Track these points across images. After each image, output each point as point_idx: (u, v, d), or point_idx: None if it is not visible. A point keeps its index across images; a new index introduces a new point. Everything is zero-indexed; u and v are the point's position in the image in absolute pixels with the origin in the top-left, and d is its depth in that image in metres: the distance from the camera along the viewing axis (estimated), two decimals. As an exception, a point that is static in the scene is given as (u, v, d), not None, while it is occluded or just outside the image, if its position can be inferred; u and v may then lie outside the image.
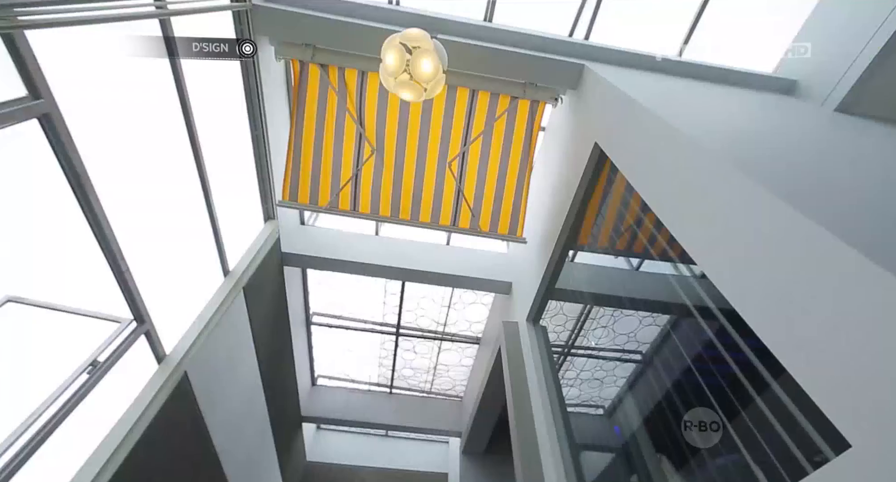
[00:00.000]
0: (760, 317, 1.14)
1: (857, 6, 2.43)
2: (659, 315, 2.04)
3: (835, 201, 1.16)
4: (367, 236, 4.40)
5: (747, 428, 1.31)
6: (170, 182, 2.31)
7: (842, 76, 2.36)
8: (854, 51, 2.33)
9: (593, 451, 2.43)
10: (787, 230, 1.08)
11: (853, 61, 2.34)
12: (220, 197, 2.66)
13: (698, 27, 2.99)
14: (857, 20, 2.37)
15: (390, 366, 5.96)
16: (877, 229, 1.04)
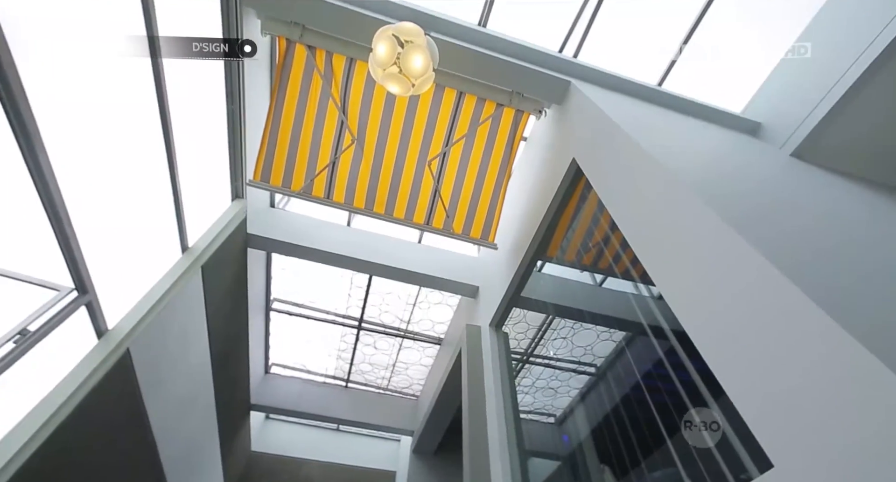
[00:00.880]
0: (707, 342, 1.21)
1: (820, 58, 2.61)
2: (616, 331, 2.12)
3: (786, 245, 1.24)
4: (338, 226, 4.32)
5: (685, 444, 1.38)
6: (132, 147, 2.18)
7: (800, 123, 2.53)
8: (815, 99, 2.50)
9: (541, 458, 2.50)
10: (742, 267, 1.15)
11: (811, 111, 2.51)
12: (186, 169, 2.54)
13: (680, 59, 3.13)
14: (819, 71, 2.54)
15: (349, 360, 5.88)
16: (817, 271, 1.12)
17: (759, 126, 2.87)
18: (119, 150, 2.08)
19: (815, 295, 0.95)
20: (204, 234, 3.11)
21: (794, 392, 0.94)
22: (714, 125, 2.82)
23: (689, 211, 1.37)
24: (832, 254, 1.29)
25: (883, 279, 1.25)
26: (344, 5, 2.54)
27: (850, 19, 2.53)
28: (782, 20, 3.01)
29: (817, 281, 1.03)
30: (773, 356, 1.01)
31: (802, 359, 0.94)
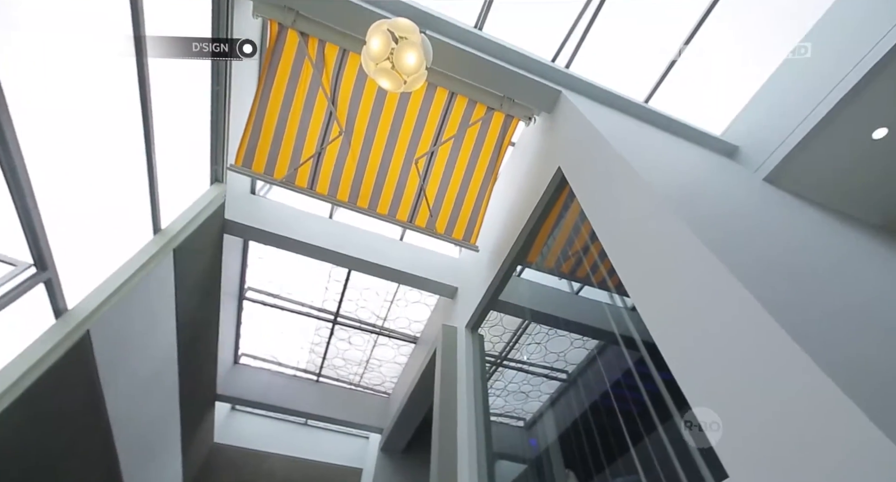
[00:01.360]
0: (675, 354, 1.24)
1: (798, 87, 2.72)
2: (589, 339, 2.16)
3: (756, 268, 1.29)
4: (319, 217, 4.25)
5: (647, 452, 1.42)
6: (107, 121, 2.09)
7: (774, 150, 2.65)
8: (789, 127, 2.61)
9: (509, 461, 2.52)
10: (714, 287, 1.18)
11: (785, 139, 2.63)
12: (164, 148, 2.45)
13: (667, 79, 3.22)
14: (795, 100, 2.66)
15: (321, 354, 5.80)
16: (785, 298, 1.17)
17: (737, 149, 2.98)
18: (92, 123, 1.99)
19: (781, 320, 0.99)
20: (179, 216, 3.01)
21: (751, 408, 0.97)
22: (694, 145, 2.91)
23: (667, 228, 1.41)
24: (798, 281, 1.34)
25: (841, 305, 1.31)
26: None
27: (829, 53, 2.64)
28: (772, 42, 3.12)
29: (783, 305, 1.07)
30: (736, 372, 1.04)
31: (762, 377, 0.98)
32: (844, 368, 0.89)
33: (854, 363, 0.94)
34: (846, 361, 0.93)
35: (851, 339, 1.08)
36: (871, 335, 1.18)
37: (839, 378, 0.84)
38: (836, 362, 0.90)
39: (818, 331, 1.03)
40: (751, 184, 2.44)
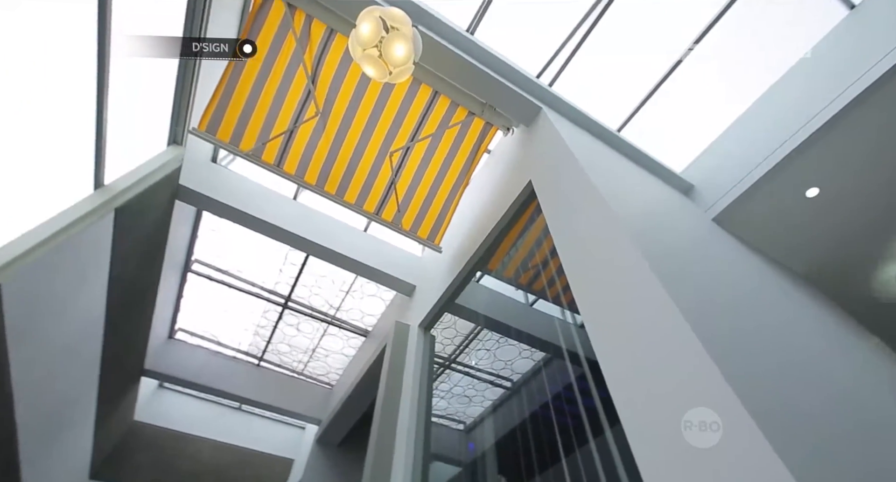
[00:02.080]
0: (615, 374, 1.31)
1: (752, 139, 2.97)
2: (537, 351, 2.23)
3: (696, 304, 1.38)
4: (283, 197, 4.09)
5: (577, 465, 1.49)
6: (57, 56, 1.88)
7: (724, 194, 2.89)
8: (739, 175, 2.85)
9: (445, 463, 2.55)
10: (658, 316, 1.25)
11: (734, 185, 2.88)
12: (120, 98, 2.24)
13: (642, 110, 3.39)
14: (748, 152, 2.90)
15: (266, 338, 5.58)
16: (718, 336, 1.26)
17: (692, 188, 3.20)
18: (39, 57, 1.79)
19: (714, 356, 1.07)
20: (126, 173, 2.77)
21: (676, 434, 1.04)
22: (656, 178, 3.08)
23: (624, 257, 1.48)
24: (731, 319, 1.45)
25: (764, 343, 1.43)
26: (335, -27, 2.41)
27: (780, 114, 2.91)
28: (745, 88, 3.39)
29: (716, 341, 1.16)
30: (665, 396, 1.11)
31: (686, 404, 1.05)
32: (763, 410, 0.97)
33: (769, 402, 1.04)
34: (764, 402, 1.02)
35: (771, 379, 1.19)
36: (787, 373, 1.30)
37: (760, 420, 0.92)
38: (759, 406, 0.98)
39: (744, 369, 1.12)
40: (701, 222, 2.62)
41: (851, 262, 3.72)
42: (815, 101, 2.66)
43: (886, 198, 3.22)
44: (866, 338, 2.99)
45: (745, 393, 0.97)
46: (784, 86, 3.05)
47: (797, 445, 0.94)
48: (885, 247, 3.65)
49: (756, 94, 3.29)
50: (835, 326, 2.60)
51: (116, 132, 2.37)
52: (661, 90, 3.35)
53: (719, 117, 3.44)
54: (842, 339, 2.36)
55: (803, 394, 1.26)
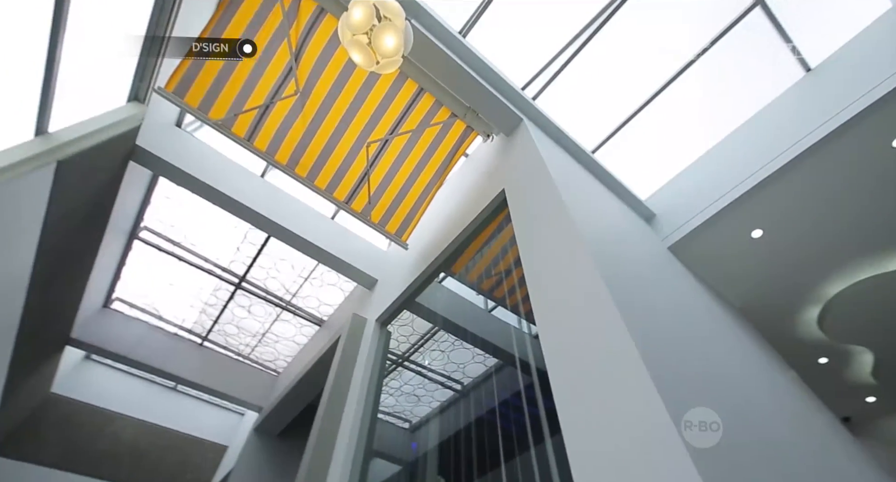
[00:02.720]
0: (562, 386, 1.36)
1: (710, 178, 3.19)
2: (490, 357, 2.27)
3: (645, 328, 1.45)
4: (250, 173, 3.92)
5: (515, 471, 1.53)
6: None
7: (680, 226, 3.10)
8: (696, 210, 3.05)
9: (386, 460, 2.54)
10: (609, 335, 1.31)
11: (690, 219, 3.09)
12: (79, 37, 2.04)
13: (617, 135, 3.54)
14: (705, 190, 3.11)
15: (214, 317, 5.33)
16: (662, 361, 1.34)
17: (654, 216, 3.40)
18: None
19: (654, 377, 1.13)
20: (75, 124, 2.55)
21: (613, 448, 1.10)
22: (622, 202, 3.23)
23: (584, 275, 1.54)
24: (675, 345, 1.54)
25: (703, 372, 1.54)
26: (334, -48, 2.34)
27: (737, 158, 3.16)
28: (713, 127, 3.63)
29: (658, 366, 1.22)
30: (607, 414, 1.17)
31: (626, 421, 1.11)
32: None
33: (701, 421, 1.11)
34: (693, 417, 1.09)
35: (704, 403, 1.27)
36: (717, 398, 1.40)
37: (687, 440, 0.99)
38: (688, 418, 1.05)
39: (680, 394, 1.19)
40: (658, 249, 2.78)
41: (781, 302, 4.10)
42: (767, 151, 2.94)
43: (819, 246, 3.57)
44: (785, 371, 3.28)
45: (677, 415, 1.04)
46: (741, 134, 3.31)
47: (717, 465, 1.02)
48: (811, 292, 4.05)
49: (719, 137, 3.55)
50: (760, 358, 2.83)
51: (70, 77, 2.17)
52: (637, 118, 3.51)
53: (686, 153, 3.68)
54: (764, 371, 2.57)
55: (727, 418, 1.36)
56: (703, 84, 3.36)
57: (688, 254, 3.22)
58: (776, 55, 3.21)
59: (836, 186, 3.07)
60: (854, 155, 2.90)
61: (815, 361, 4.92)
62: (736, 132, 3.41)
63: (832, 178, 3.01)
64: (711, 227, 3.08)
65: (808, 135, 2.79)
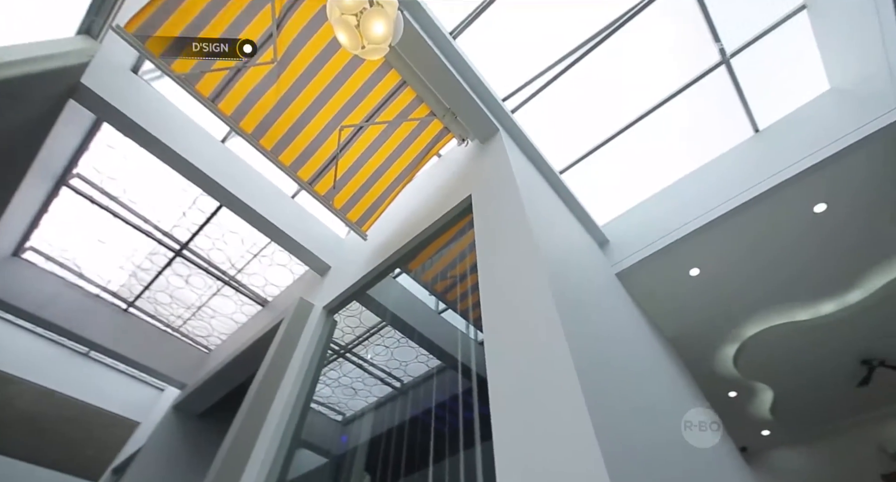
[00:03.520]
0: (499, 394, 1.40)
1: (661, 214, 3.44)
2: (434, 358, 2.29)
3: (585, 351, 1.52)
4: (209, 136, 3.68)
5: (443, 472, 1.56)
6: None
7: (629, 255, 3.33)
8: (644, 242, 3.28)
9: (312, 451, 2.48)
10: (552, 352, 1.36)
11: (638, 250, 3.33)
12: None
13: (586, 160, 3.70)
14: (655, 225, 3.35)
15: (145, 283, 4.94)
16: (594, 385, 1.42)
17: (608, 242, 3.61)
18: None
19: (587, 396, 1.20)
20: (9, 46, 2.27)
21: (541, 459, 1.15)
22: (580, 225, 3.40)
23: (536, 291, 1.59)
24: (610, 368, 1.64)
25: (631, 397, 1.64)
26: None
27: (686, 200, 3.45)
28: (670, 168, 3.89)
29: (591, 387, 1.29)
30: (538, 428, 1.22)
31: (553, 439, 1.17)
32: (613, 452, 1.12)
33: (619, 447, 1.19)
34: (615, 446, 1.17)
35: (627, 426, 1.36)
36: (640, 421, 1.51)
37: (609, 460, 1.06)
38: (610, 448, 1.12)
39: (612, 421, 1.26)
40: (607, 274, 2.94)
41: (706, 337, 4.52)
42: (712, 198, 3.25)
43: (744, 291, 3.97)
44: (701, 400, 3.60)
45: (602, 438, 1.10)
46: (693, 178, 3.63)
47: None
48: (732, 331, 4.49)
49: (675, 178, 3.84)
50: (681, 387, 3.08)
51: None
52: (606, 147, 3.70)
53: (644, 187, 3.94)
54: (684, 399, 2.80)
55: (647, 440, 1.47)
56: (667, 126, 3.61)
57: (632, 282, 3.46)
58: (733, 112, 3.53)
59: (763, 240, 3.44)
60: (782, 214, 3.26)
61: (726, 394, 5.46)
62: (689, 176, 3.71)
63: (761, 232, 3.37)
64: (657, 259, 3.33)
65: (748, 190, 3.10)
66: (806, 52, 3.32)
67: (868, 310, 4.30)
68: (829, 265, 3.82)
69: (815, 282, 3.99)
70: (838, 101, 3.24)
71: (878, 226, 3.48)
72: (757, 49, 3.23)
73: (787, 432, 6.24)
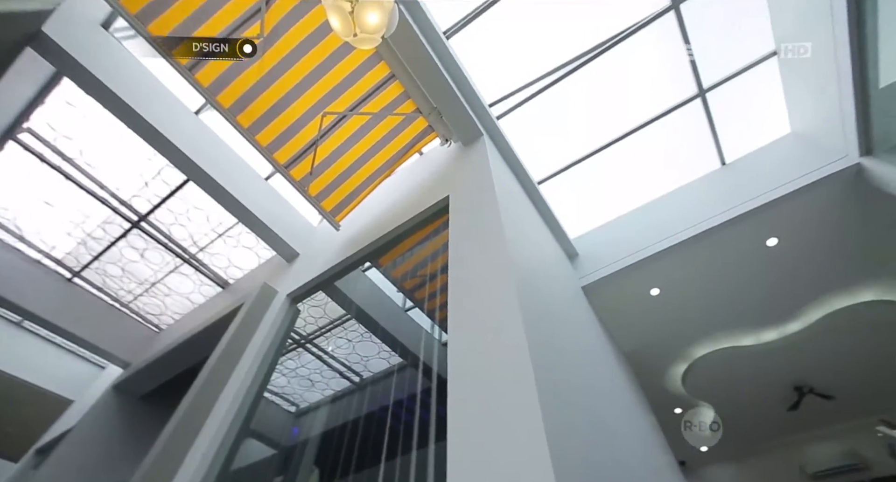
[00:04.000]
0: (458, 396, 1.41)
1: (632, 233, 3.58)
2: (396, 355, 2.28)
3: (549, 363, 1.56)
4: (183, 106, 3.51)
5: (393, 471, 1.55)
6: None
7: (594, 271, 3.46)
8: (611, 260, 3.42)
9: (260, 442, 2.41)
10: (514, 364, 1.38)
11: (603, 267, 3.47)
12: None
13: (563, 173, 3.80)
14: (623, 244, 3.49)
15: (95, 252, 4.64)
16: (554, 397, 1.45)
17: (577, 256, 3.72)
18: None
19: (544, 409, 1.22)
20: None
21: (489, 467, 1.16)
22: (553, 237, 3.49)
23: (503, 297, 1.61)
24: (567, 379, 1.68)
25: (585, 409, 1.69)
26: None
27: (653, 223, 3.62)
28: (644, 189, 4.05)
29: (549, 399, 1.32)
30: (493, 432, 1.23)
31: (506, 445, 1.19)
32: (564, 464, 1.15)
33: (570, 457, 1.23)
34: (567, 456, 1.20)
35: (579, 437, 1.40)
36: (592, 433, 1.55)
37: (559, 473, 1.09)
38: (563, 459, 1.15)
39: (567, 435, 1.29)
40: (573, 286, 3.03)
41: (659, 354, 4.74)
42: (677, 223, 3.45)
43: (698, 314, 4.20)
44: (649, 414, 3.76)
45: (554, 446, 1.13)
46: (661, 203, 3.84)
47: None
48: (683, 351, 4.74)
49: (644, 201, 4.02)
50: (632, 402, 3.20)
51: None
52: (584, 163, 3.80)
53: (617, 206, 4.10)
54: (634, 412, 2.92)
55: (596, 450, 1.52)
56: (644, 149, 3.76)
57: (597, 296, 3.58)
58: (704, 143, 3.72)
59: (719, 267, 3.66)
60: (738, 245, 3.48)
61: (671, 410, 5.75)
62: (659, 199, 3.89)
63: (718, 260, 3.58)
64: (622, 276, 3.48)
65: (710, 219, 3.30)
66: (774, 95, 3.55)
67: (804, 340, 4.65)
68: (775, 296, 4.10)
69: (761, 310, 4.27)
70: (796, 144, 3.49)
71: (822, 263, 3.77)
72: (731, 86, 3.42)
73: (723, 450, 6.64)
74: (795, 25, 2.99)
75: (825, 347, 4.78)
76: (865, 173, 3.02)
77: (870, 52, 2.63)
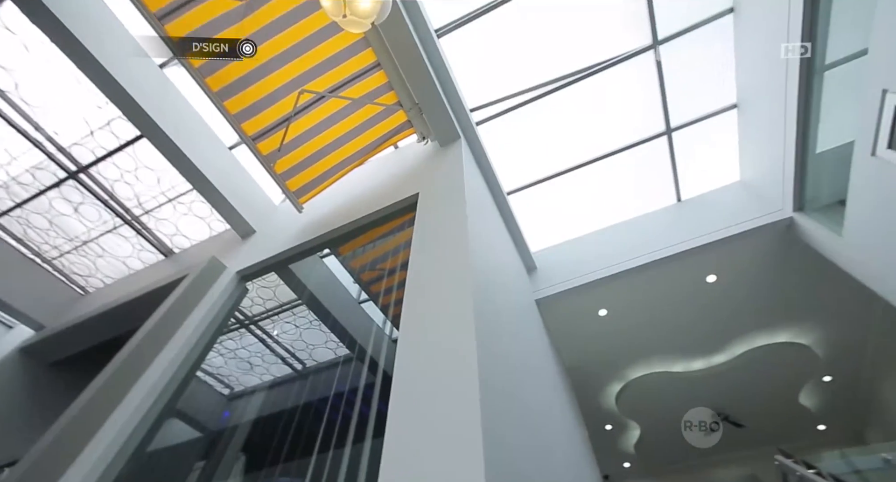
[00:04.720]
0: (401, 394, 1.40)
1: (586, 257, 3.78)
2: (343, 347, 2.24)
3: (496, 372, 1.58)
4: (146, 59, 3.26)
5: (324, 464, 1.52)
6: None
7: (549, 286, 3.63)
8: (566, 277, 3.57)
9: (185, 423, 2.27)
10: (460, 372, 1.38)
11: (557, 284, 3.62)
12: None
13: (532, 188, 3.90)
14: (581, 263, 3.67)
15: (20, 199, 4.18)
16: (496, 411, 1.48)
17: (535, 269, 3.85)
18: None
19: (484, 418, 1.24)
20: None
21: (423, 468, 1.17)
22: (515, 248, 3.58)
23: (459, 302, 1.62)
24: (513, 393, 1.72)
25: (526, 418, 1.74)
26: None
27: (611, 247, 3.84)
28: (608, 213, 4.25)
29: (490, 409, 1.34)
30: (431, 434, 1.24)
31: (444, 448, 1.19)
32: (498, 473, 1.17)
33: (507, 472, 1.26)
34: (503, 470, 1.23)
35: (519, 452, 1.43)
36: (532, 449, 1.60)
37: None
38: (502, 474, 1.17)
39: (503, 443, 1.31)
40: (527, 299, 3.12)
41: (598, 372, 4.99)
42: (629, 251, 3.67)
43: (639, 338, 4.47)
44: (582, 428, 3.94)
45: (490, 453, 1.14)
46: (617, 230, 4.11)
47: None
48: (620, 371, 5.02)
49: (602, 226, 4.24)
50: (568, 414, 3.34)
51: None
52: (553, 181, 3.93)
53: (578, 226, 4.27)
54: (569, 426, 3.04)
55: (531, 461, 1.57)
56: (610, 175, 3.95)
57: (548, 311, 3.72)
58: (665, 178, 3.97)
59: (662, 296, 3.92)
60: (681, 277, 3.74)
61: (602, 426, 6.07)
62: (616, 226, 4.12)
63: (662, 289, 3.84)
64: (574, 294, 3.64)
65: (659, 250, 3.54)
66: (730, 143, 3.85)
67: (726, 371, 5.07)
68: (707, 328, 4.45)
69: (693, 341, 4.61)
70: (742, 191, 3.80)
71: (750, 302, 4.13)
72: (695, 129, 3.67)
73: (644, 466, 7.09)
74: (755, 85, 3.26)
75: (743, 379, 5.24)
76: (796, 227, 3.34)
77: (812, 120, 2.92)
